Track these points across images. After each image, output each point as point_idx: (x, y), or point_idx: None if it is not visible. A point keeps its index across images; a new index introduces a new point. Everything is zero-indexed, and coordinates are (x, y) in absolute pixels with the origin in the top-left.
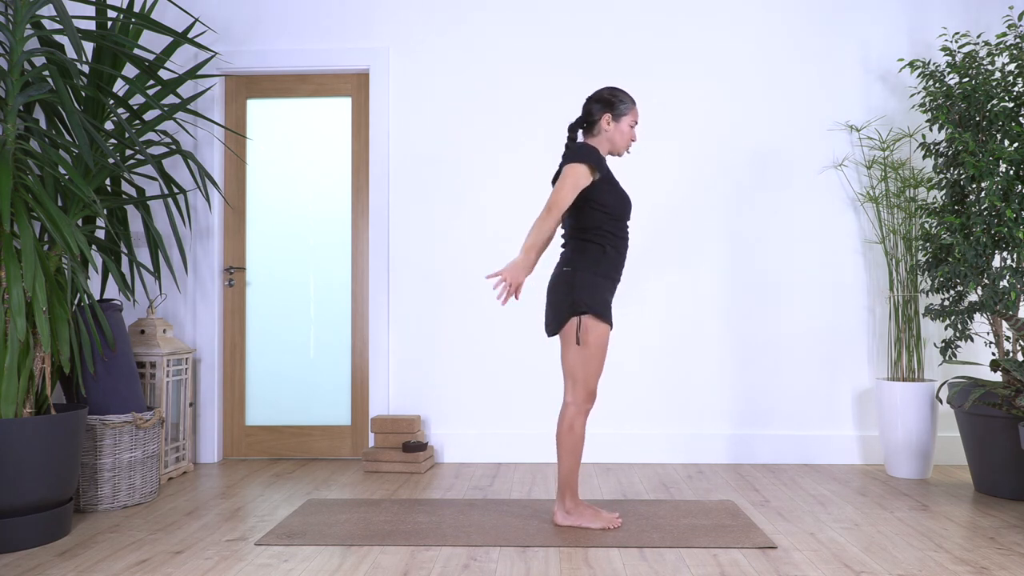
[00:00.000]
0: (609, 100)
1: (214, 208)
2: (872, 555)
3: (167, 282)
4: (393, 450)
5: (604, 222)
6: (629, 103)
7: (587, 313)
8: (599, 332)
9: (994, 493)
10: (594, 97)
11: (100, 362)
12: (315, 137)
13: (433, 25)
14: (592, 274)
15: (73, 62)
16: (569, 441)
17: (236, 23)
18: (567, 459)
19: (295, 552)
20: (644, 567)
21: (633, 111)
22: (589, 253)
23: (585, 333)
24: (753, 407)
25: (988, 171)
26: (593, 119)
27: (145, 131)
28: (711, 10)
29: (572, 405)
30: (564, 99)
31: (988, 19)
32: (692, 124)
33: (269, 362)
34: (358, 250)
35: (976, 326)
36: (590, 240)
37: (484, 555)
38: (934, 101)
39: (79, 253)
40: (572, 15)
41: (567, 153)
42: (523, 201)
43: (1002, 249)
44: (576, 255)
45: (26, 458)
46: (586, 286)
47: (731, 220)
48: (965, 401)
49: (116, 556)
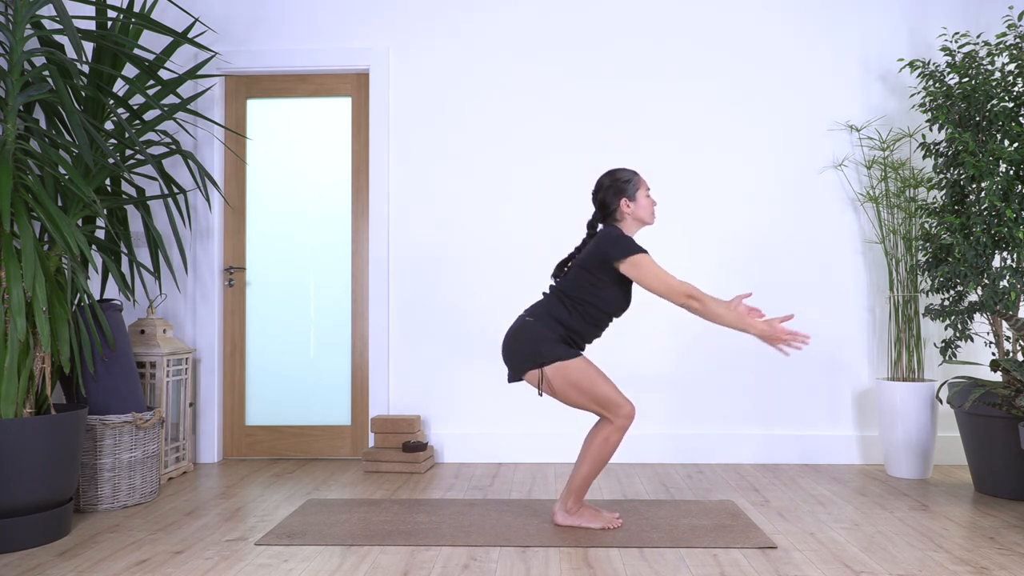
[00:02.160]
0: (618, 187)
1: (214, 208)
2: (872, 555)
3: (167, 282)
4: (393, 450)
5: (592, 304)
6: (635, 177)
7: (548, 364)
8: (572, 368)
9: (994, 493)
10: (603, 186)
11: (100, 362)
12: (315, 137)
13: (433, 25)
14: (554, 325)
15: (73, 62)
16: (600, 452)
17: (236, 23)
18: (590, 466)
19: (295, 552)
20: (644, 567)
21: (642, 182)
22: (560, 313)
23: (549, 385)
24: (753, 407)
25: (988, 171)
26: (611, 209)
27: (145, 131)
28: (711, 11)
29: (614, 422)
30: (565, 99)
31: (988, 19)
32: (692, 124)
33: (269, 362)
34: (358, 250)
35: (976, 326)
36: (569, 307)
37: (484, 555)
38: (934, 101)
39: (79, 253)
40: (572, 15)
41: (609, 247)
42: (523, 200)
43: (1002, 249)
44: (545, 308)
45: (26, 458)
46: (546, 339)
47: (731, 220)
48: (965, 401)
49: (116, 556)
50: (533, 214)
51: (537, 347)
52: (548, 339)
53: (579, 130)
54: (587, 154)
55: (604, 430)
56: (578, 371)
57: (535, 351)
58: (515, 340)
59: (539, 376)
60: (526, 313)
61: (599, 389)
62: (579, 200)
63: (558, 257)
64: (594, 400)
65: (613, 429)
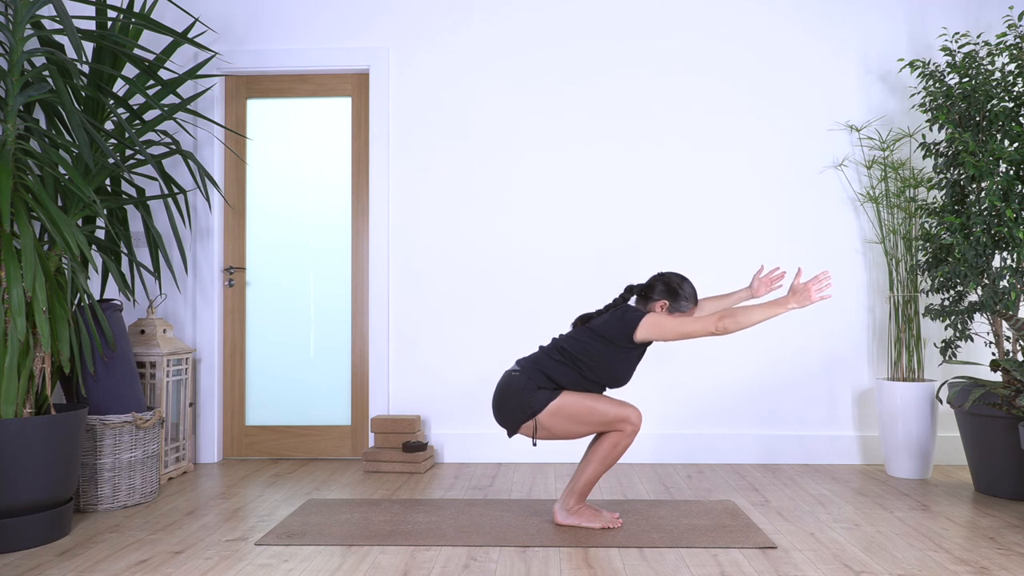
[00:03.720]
0: (675, 291)
1: (214, 208)
2: (872, 555)
3: (167, 282)
4: (393, 450)
5: (590, 369)
6: (691, 303)
7: (540, 411)
8: (565, 405)
9: (994, 493)
10: (668, 281)
11: (100, 362)
12: (315, 137)
13: (433, 25)
14: (538, 376)
15: (73, 62)
16: (608, 455)
17: (236, 23)
18: (596, 468)
19: (295, 552)
20: (644, 567)
21: (692, 310)
22: (551, 367)
23: (547, 431)
24: (753, 407)
25: (988, 171)
26: (652, 297)
27: (145, 131)
28: (712, 10)
29: (624, 429)
30: (566, 99)
31: (988, 19)
32: (691, 124)
33: (269, 362)
34: (358, 250)
35: (976, 326)
36: (566, 363)
37: (484, 555)
38: (934, 101)
39: (79, 253)
40: (572, 15)
41: (623, 325)
42: (523, 199)
43: (1002, 249)
44: (537, 362)
45: (26, 458)
46: (530, 388)
47: (731, 220)
48: (965, 401)
49: (116, 556)
50: (534, 213)
51: (525, 397)
52: (531, 388)
53: (579, 129)
54: (587, 154)
55: (614, 436)
56: (572, 406)
57: (523, 402)
58: (503, 396)
59: (533, 427)
60: (515, 365)
61: (600, 412)
62: (579, 200)
63: (559, 257)
64: (600, 424)
65: (623, 436)
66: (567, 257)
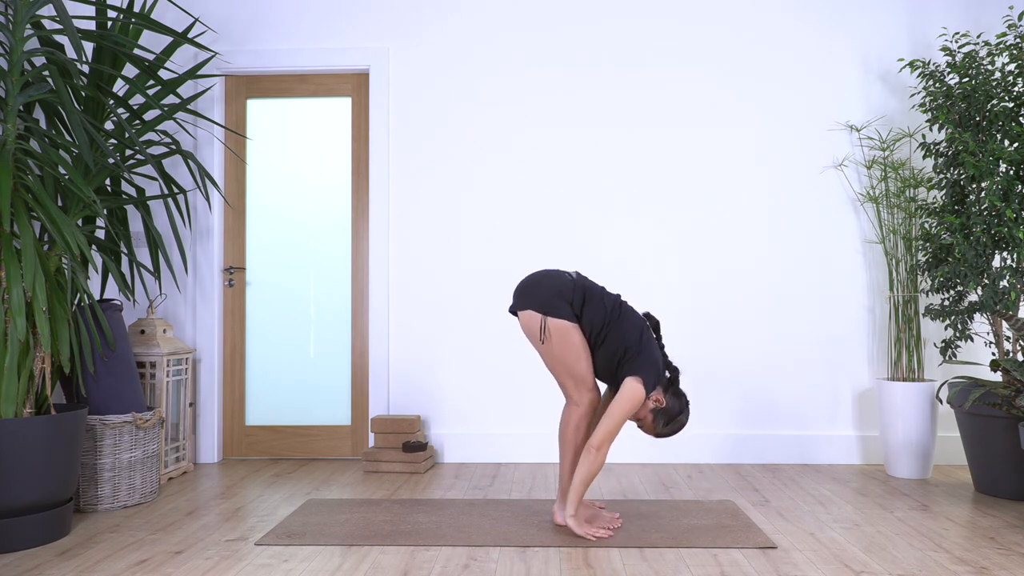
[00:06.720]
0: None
1: (214, 208)
2: (872, 555)
3: (167, 282)
4: (393, 450)
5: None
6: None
7: (553, 319)
8: (573, 334)
9: (994, 493)
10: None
11: (100, 362)
12: (315, 137)
13: (433, 25)
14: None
15: (73, 62)
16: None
17: (236, 23)
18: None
19: (295, 552)
20: (644, 567)
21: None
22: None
23: (548, 335)
24: (753, 407)
25: (988, 171)
26: (667, 390)
27: (145, 131)
28: (712, 9)
29: (579, 405)
30: (567, 98)
31: (988, 19)
32: (691, 123)
33: (269, 362)
34: (358, 250)
35: (976, 326)
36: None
37: (484, 555)
38: (934, 101)
39: (79, 253)
40: (573, 14)
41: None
42: (524, 200)
43: (1002, 249)
44: (587, 290)
45: (26, 458)
46: (564, 299)
47: (731, 219)
48: (965, 401)
49: (116, 556)
50: (534, 213)
51: (554, 299)
52: (565, 297)
53: (579, 131)
54: (588, 153)
55: (573, 417)
56: (571, 339)
57: (550, 299)
58: (540, 282)
59: (543, 324)
60: (574, 271)
61: (578, 365)
62: (580, 199)
63: (559, 256)
64: (569, 374)
65: (581, 415)
66: (567, 257)
